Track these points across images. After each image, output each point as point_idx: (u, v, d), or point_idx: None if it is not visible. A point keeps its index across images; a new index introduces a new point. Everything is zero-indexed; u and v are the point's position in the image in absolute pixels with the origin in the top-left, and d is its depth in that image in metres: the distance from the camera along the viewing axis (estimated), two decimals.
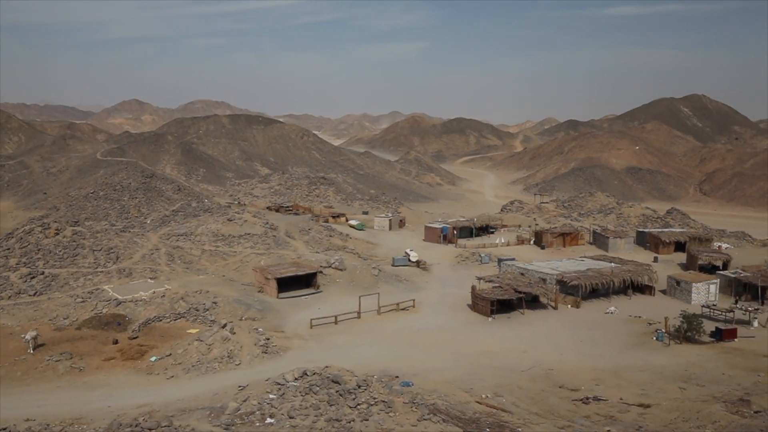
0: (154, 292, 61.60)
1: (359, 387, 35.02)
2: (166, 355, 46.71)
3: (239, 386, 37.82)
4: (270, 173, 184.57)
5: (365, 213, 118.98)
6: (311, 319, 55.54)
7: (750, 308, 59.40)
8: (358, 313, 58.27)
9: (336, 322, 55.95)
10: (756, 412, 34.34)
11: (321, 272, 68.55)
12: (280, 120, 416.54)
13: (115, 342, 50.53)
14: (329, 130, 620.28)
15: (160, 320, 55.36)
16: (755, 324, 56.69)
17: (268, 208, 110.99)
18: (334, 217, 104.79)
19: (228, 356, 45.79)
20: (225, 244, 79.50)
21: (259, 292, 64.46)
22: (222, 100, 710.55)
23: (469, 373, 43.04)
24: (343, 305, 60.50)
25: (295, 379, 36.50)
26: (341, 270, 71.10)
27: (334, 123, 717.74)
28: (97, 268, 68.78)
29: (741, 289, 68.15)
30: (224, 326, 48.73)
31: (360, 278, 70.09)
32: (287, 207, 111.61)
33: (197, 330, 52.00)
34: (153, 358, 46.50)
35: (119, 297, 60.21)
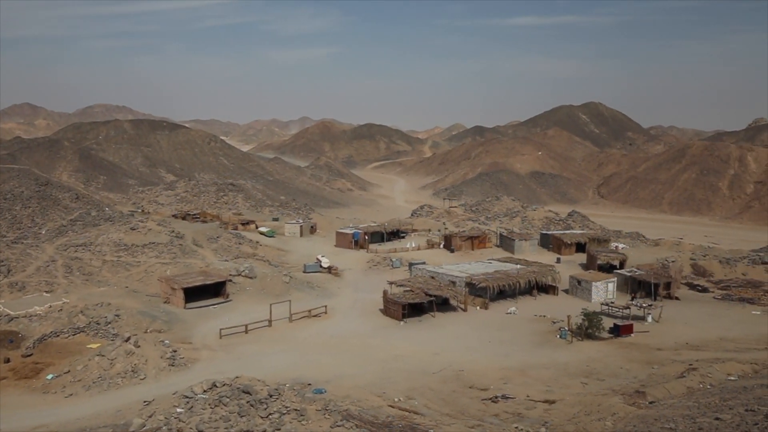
0: (50, 306, 58.20)
1: (271, 396, 34.37)
2: (64, 373, 44.20)
3: (144, 401, 36.26)
4: (176, 180, 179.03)
5: (276, 219, 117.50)
6: (220, 329, 54.17)
7: (645, 304, 62.83)
8: (269, 321, 57.35)
9: (246, 332, 54.83)
10: (651, 403, 36.31)
11: (230, 281, 67.00)
12: (186, 125, 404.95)
13: (7, 361, 47.36)
14: (237, 136, 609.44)
15: (58, 336, 52.23)
16: (649, 319, 60.04)
17: (174, 216, 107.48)
18: (243, 224, 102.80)
19: (132, 371, 43.88)
20: (128, 254, 76.30)
21: (165, 303, 62.23)
22: (123, 105, 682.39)
23: (381, 377, 43.21)
24: (253, 314, 59.38)
25: (204, 391, 35.38)
26: (251, 278, 69.78)
27: (243, 128, 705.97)
28: None
29: (636, 286, 72.03)
30: (128, 339, 46.70)
31: (271, 286, 69.05)
32: (194, 215, 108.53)
33: (98, 345, 49.49)
34: (49, 376, 43.88)
35: (11, 312, 56.47)
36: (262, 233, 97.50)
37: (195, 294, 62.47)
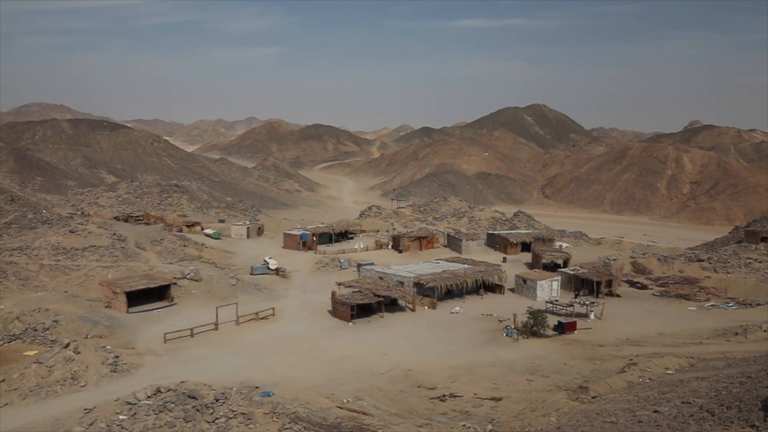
0: None
1: (217, 401, 33.83)
2: None
3: (85, 409, 35.16)
4: (117, 181, 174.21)
5: (222, 221, 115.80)
6: (165, 333, 52.99)
7: (587, 302, 64.46)
8: (216, 324, 56.44)
9: (192, 335, 53.82)
10: (593, 398, 37.26)
11: (175, 284, 65.65)
12: (128, 125, 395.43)
13: None
14: (182, 136, 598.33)
15: None
16: (592, 316, 61.59)
17: (115, 218, 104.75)
18: (188, 226, 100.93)
19: (72, 378, 42.46)
20: (67, 258, 73.86)
21: (107, 307, 60.51)
22: (61, 104, 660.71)
23: (330, 378, 43.05)
24: (199, 317, 58.34)
25: (148, 397, 34.57)
26: (197, 281, 68.55)
27: (187, 129, 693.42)
28: None
29: (579, 284, 73.81)
30: (67, 346, 45.14)
31: (217, 288, 67.98)
32: (137, 217, 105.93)
33: (36, 352, 47.75)
34: None
35: None
36: (208, 235, 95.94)
37: (138, 298, 60.99)
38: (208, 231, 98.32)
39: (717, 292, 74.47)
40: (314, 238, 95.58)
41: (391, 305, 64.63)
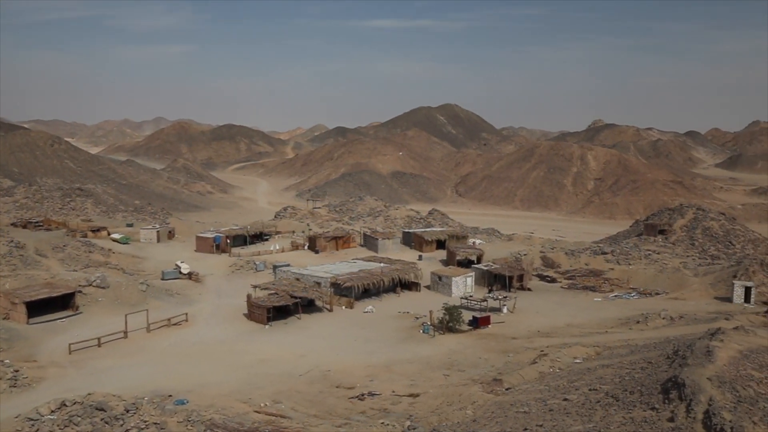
0: None
1: (128, 411, 32.62)
2: None
3: None
4: (14, 185, 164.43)
5: (130, 225, 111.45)
6: (70, 344, 50.40)
7: (500, 297, 66.30)
8: (125, 332, 54.24)
9: (100, 345, 51.49)
10: (507, 389, 38.38)
11: (80, 292, 62.55)
12: (25, 126, 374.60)
13: None
14: (85, 137, 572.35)
15: None
16: (505, 310, 63.37)
17: (13, 224, 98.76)
18: (93, 231, 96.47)
19: None
20: None
21: (5, 319, 56.93)
22: None
23: (246, 383, 42.28)
24: (107, 326, 55.87)
25: (52, 411, 32.89)
26: (104, 288, 65.63)
27: (91, 129, 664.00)
28: None
29: (493, 279, 75.81)
30: None
31: (126, 295, 65.34)
32: (37, 222, 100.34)
33: None
34: None
35: None
36: (115, 240, 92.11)
37: (39, 308, 57.74)
38: (116, 236, 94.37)
39: (620, 283, 78.36)
40: (228, 241, 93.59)
41: (309, 306, 64.19)
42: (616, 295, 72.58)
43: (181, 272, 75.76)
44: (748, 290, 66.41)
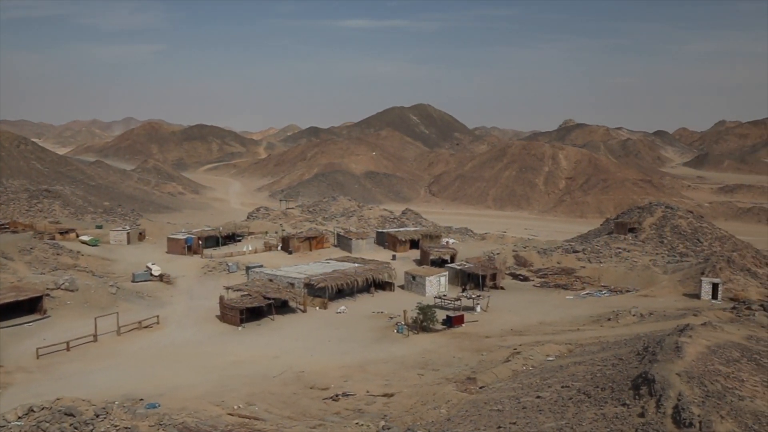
0: None
1: (98, 416, 32.06)
2: None
3: None
4: None
5: (99, 227, 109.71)
6: (37, 348, 49.45)
7: (474, 296, 66.65)
8: (95, 336, 53.37)
9: (68, 349, 50.57)
10: (481, 388, 38.58)
11: (48, 295, 61.38)
12: None
13: None
14: (52, 138, 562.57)
15: None
16: (478, 309, 63.73)
17: None
18: (61, 233, 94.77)
19: None
20: None
21: None
22: None
23: (219, 385, 41.89)
24: (76, 329, 54.90)
25: (19, 417, 32.21)
26: (72, 291, 64.50)
27: (59, 130, 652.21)
28: None
29: (466, 279, 76.18)
30: None
31: (95, 298, 64.30)
32: (3, 225, 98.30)
33: None
34: None
35: None
36: (84, 242, 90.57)
37: (5, 312, 56.54)
38: (85, 238, 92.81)
39: (591, 280, 79.32)
40: (200, 242, 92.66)
41: (282, 307, 63.84)
42: (587, 293, 73.46)
43: (152, 274, 74.82)
44: (715, 287, 67.69)
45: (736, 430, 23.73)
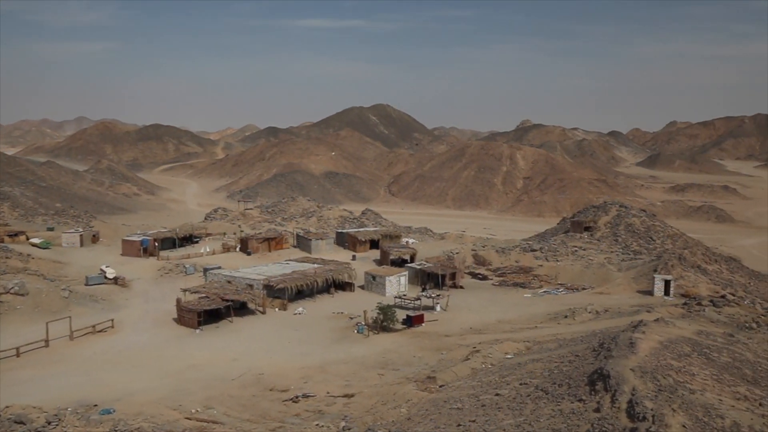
0: None
1: (50, 424, 31.25)
2: None
3: None
4: None
5: (50, 229, 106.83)
6: None
7: (433, 295, 66.99)
8: (46, 341, 51.91)
9: (18, 355, 49.09)
10: (441, 387, 38.80)
11: None
12: None
13: None
14: (1, 138, 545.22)
15: None
16: (438, 308, 64.10)
17: None
18: (10, 236, 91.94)
19: None
20: None
21: None
22: None
23: (176, 389, 41.20)
24: (26, 335, 53.32)
25: None
26: (22, 295, 62.60)
27: (8, 129, 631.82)
28: None
29: (426, 278, 76.52)
30: None
31: (47, 302, 62.56)
32: None
33: None
34: None
35: None
36: (34, 245, 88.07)
37: None
38: (35, 240, 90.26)
39: (548, 279, 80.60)
40: (156, 244, 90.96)
41: (241, 309, 63.12)
42: (545, 291, 74.58)
43: (106, 277, 73.20)
44: (667, 283, 69.47)
45: (688, 422, 24.37)
